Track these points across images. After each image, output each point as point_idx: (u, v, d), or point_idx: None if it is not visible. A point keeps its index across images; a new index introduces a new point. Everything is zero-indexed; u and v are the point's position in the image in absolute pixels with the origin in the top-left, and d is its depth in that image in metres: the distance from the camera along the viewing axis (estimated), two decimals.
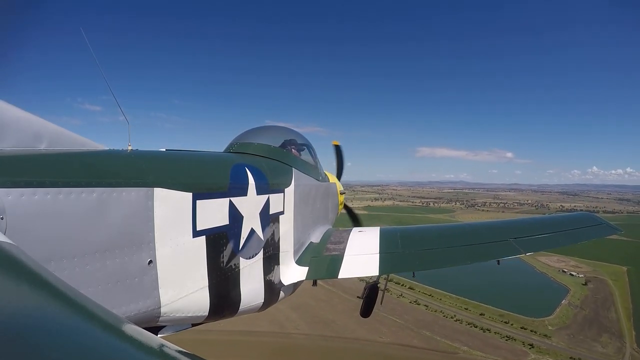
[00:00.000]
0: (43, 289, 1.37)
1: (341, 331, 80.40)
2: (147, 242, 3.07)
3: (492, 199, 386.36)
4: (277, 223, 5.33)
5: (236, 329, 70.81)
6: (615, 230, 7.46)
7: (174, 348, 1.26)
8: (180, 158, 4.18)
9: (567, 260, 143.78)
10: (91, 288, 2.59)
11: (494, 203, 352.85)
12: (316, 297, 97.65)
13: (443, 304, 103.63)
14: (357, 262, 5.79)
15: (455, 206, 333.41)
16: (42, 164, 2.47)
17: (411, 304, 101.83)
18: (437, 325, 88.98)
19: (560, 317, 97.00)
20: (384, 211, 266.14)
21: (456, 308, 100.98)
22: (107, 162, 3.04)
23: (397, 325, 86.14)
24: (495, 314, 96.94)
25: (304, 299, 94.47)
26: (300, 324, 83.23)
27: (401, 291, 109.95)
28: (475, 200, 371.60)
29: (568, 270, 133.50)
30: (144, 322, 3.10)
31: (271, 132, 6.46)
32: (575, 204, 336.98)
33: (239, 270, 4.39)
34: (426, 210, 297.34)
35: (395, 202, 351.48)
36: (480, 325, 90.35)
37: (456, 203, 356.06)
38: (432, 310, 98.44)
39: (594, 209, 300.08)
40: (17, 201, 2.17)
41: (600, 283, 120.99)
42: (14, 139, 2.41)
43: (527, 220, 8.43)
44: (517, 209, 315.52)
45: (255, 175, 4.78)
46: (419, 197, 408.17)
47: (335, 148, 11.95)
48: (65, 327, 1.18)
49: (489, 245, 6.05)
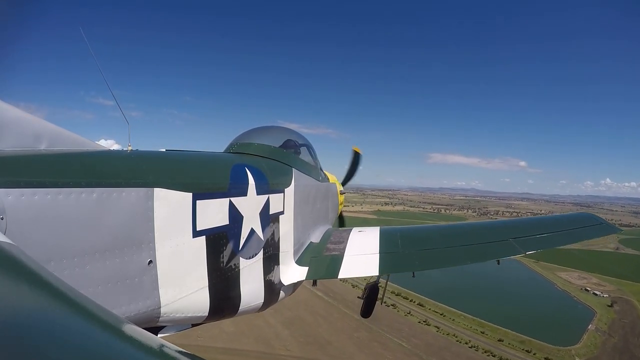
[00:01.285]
0: (43, 289, 1.37)
1: (338, 354, 70.66)
2: (147, 242, 3.08)
3: (505, 208, 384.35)
4: (277, 223, 5.34)
5: (217, 345, 63.24)
6: (614, 230, 7.58)
7: (174, 348, 1.25)
8: (180, 158, 4.19)
9: (588, 277, 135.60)
10: (91, 288, 2.61)
11: (507, 212, 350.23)
12: (314, 310, 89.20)
13: (457, 325, 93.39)
14: (357, 262, 5.82)
15: (467, 214, 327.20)
16: (42, 164, 2.49)
17: (420, 324, 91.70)
18: (449, 353, 78.27)
19: (587, 346, 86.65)
20: (394, 216, 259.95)
21: (471, 331, 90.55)
22: (107, 163, 3.05)
23: (403, 351, 75.75)
24: (516, 340, 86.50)
25: (300, 312, 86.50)
26: (291, 344, 73.69)
27: (409, 308, 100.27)
28: (487, 209, 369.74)
29: (591, 288, 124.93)
30: (144, 322, 3.11)
31: (271, 132, 6.51)
32: None
33: (239, 271, 4.39)
34: (438, 217, 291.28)
35: (406, 208, 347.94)
36: (499, 355, 79.84)
37: (468, 211, 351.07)
38: (444, 333, 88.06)
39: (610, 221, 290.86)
40: (17, 201, 2.19)
41: (626, 304, 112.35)
42: (14, 139, 2.43)
43: (527, 220, 9.25)
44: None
45: (255, 175, 4.79)
46: (430, 203, 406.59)
47: (354, 154, 11.86)
48: (66, 327, 1.17)
49: (489, 245, 6.04)
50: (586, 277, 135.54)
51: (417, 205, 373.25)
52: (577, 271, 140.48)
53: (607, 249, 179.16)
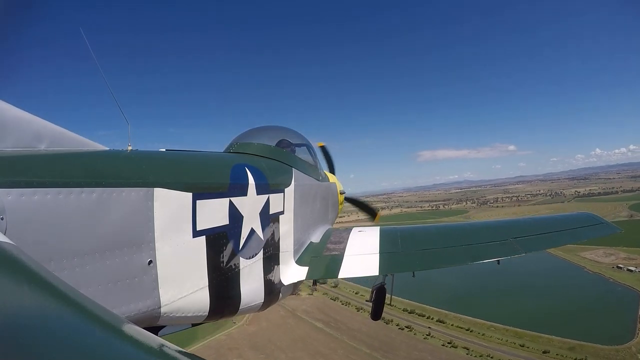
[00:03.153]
0: (43, 289, 1.38)
1: None
2: (147, 242, 3.09)
3: (503, 194, 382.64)
4: (277, 223, 5.37)
5: None
6: (615, 230, 7.31)
7: (174, 348, 1.26)
8: (180, 158, 4.20)
9: (615, 253, 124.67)
10: (91, 288, 2.60)
11: (506, 198, 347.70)
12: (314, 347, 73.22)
13: (489, 340, 77.45)
14: (357, 262, 5.79)
15: (467, 206, 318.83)
16: (42, 164, 2.49)
17: (445, 347, 75.72)
18: None
19: None
20: (393, 220, 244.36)
21: (508, 346, 74.58)
22: (107, 163, 3.06)
23: None
24: (563, 348, 71.45)
25: (297, 353, 71.51)
26: None
27: (428, 327, 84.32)
28: (485, 198, 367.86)
29: (623, 265, 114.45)
30: (144, 322, 3.11)
31: (271, 132, 6.48)
32: (590, 188, 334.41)
33: (238, 270, 4.41)
34: (437, 213, 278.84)
35: (403, 209, 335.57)
36: None
37: (467, 202, 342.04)
38: (476, 355, 72.18)
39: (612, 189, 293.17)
40: (17, 201, 2.19)
41: None
42: (14, 139, 2.43)
43: (527, 219, 8.27)
44: (532, 200, 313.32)
45: (255, 175, 4.81)
46: (426, 201, 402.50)
47: (322, 149, 11.56)
48: (65, 327, 1.18)
49: (489, 244, 5.97)
50: (613, 253, 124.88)
51: (414, 205, 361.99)
52: (600, 247, 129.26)
53: (620, 218, 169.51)
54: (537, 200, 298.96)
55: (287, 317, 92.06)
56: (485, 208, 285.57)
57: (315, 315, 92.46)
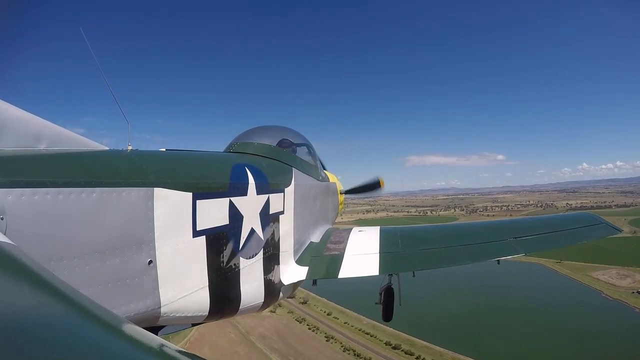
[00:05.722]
0: (43, 289, 1.38)
1: None
2: (147, 242, 3.10)
3: (492, 203, 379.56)
4: (277, 223, 5.36)
5: None
6: (616, 231, 7.29)
7: (174, 348, 1.26)
8: (180, 158, 4.24)
9: (630, 274, 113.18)
10: (91, 288, 2.60)
11: (496, 207, 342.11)
12: None
13: None
14: (357, 262, 5.79)
15: (455, 213, 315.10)
16: (42, 164, 2.51)
17: None
18: None
19: None
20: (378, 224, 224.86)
21: None
22: (107, 162, 3.08)
23: None
24: None
25: None
26: None
27: None
28: (474, 205, 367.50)
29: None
30: (144, 322, 3.12)
31: (271, 131, 6.51)
32: (581, 201, 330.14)
33: (238, 270, 4.42)
34: (425, 219, 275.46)
35: (389, 213, 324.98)
36: None
37: (455, 210, 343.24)
38: None
39: (604, 203, 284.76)
40: (17, 201, 2.20)
41: None
42: (14, 139, 2.45)
43: (527, 220, 8.45)
44: (523, 211, 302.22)
45: (255, 175, 4.81)
46: (413, 206, 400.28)
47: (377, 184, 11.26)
48: (65, 327, 1.18)
49: (489, 244, 6.02)
50: (628, 275, 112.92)
51: (401, 210, 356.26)
52: (612, 267, 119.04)
53: (624, 235, 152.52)
54: (528, 211, 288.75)
55: (238, 344, 71.38)
56: (475, 216, 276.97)
57: (273, 343, 71.62)
